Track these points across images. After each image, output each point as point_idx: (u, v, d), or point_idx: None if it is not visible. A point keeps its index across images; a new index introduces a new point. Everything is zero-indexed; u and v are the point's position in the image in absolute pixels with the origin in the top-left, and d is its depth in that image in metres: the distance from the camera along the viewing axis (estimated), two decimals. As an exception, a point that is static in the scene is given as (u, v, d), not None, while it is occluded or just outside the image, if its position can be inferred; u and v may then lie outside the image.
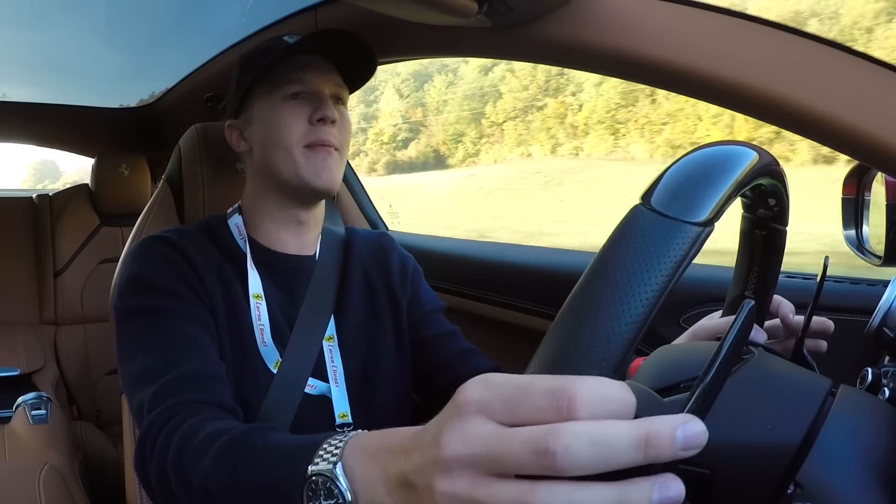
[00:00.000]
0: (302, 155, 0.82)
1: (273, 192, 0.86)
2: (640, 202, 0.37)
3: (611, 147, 16.46)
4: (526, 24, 0.74)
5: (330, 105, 0.83)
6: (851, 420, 0.43)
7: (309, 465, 0.44)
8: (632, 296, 0.33)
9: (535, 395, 0.30)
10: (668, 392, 0.43)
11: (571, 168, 16.50)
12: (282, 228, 0.88)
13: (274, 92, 0.83)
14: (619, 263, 0.34)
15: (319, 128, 0.82)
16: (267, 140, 0.83)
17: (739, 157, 0.41)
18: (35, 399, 1.51)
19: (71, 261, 2.11)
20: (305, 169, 0.82)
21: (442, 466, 0.31)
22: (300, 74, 0.83)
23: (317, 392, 0.82)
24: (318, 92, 0.84)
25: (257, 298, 0.82)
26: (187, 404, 0.66)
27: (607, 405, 0.29)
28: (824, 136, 0.59)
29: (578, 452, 0.27)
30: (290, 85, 0.83)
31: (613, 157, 16.19)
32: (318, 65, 0.85)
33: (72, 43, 1.94)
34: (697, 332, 0.72)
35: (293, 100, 0.83)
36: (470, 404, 0.31)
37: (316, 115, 0.82)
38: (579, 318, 0.33)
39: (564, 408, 0.29)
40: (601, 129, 16.64)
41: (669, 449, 0.28)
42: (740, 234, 0.61)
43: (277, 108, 0.82)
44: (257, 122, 0.85)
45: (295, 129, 0.82)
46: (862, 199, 0.77)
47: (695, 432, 0.28)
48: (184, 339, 0.73)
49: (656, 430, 0.28)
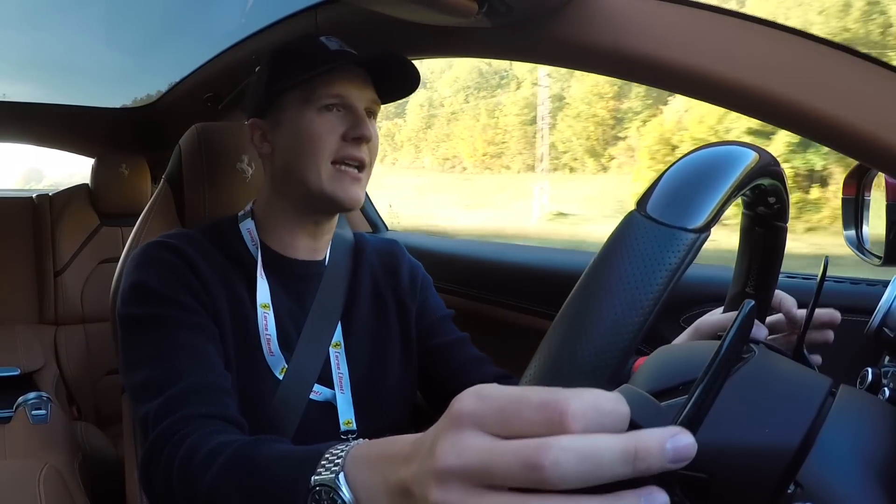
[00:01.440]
0: (330, 170, 0.80)
1: (294, 200, 0.84)
2: (636, 209, 0.36)
3: (413, 158, 24.70)
4: (526, 24, 0.74)
5: (367, 123, 0.80)
6: (851, 420, 0.43)
7: (312, 475, 0.44)
8: (626, 305, 0.32)
9: (527, 409, 0.30)
10: (667, 395, 0.43)
11: (385, 173, 22.47)
12: (297, 235, 0.86)
13: (309, 100, 0.80)
14: (614, 272, 0.33)
15: (352, 145, 0.80)
16: (296, 149, 0.81)
17: (736, 159, 0.40)
18: (35, 399, 1.51)
19: (71, 261, 2.10)
20: (331, 185, 0.80)
21: (437, 477, 0.31)
22: (339, 87, 0.80)
23: (321, 398, 0.82)
24: (355, 107, 0.81)
25: (265, 308, 0.81)
26: (192, 418, 0.66)
27: (600, 417, 0.29)
28: (824, 136, 0.59)
29: (567, 467, 0.28)
30: (328, 97, 0.80)
31: (413, 166, 24.19)
32: (356, 77, 0.82)
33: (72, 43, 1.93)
34: (699, 329, 0.72)
35: (327, 111, 0.80)
36: (464, 416, 0.31)
37: (352, 133, 0.80)
38: (573, 327, 0.33)
39: (556, 421, 0.29)
40: (409, 145, 25.00)
41: (658, 462, 0.28)
42: (740, 230, 0.61)
43: (312, 119, 0.80)
44: (287, 128, 0.82)
45: (328, 143, 0.79)
46: (862, 199, 0.77)
47: (684, 445, 0.28)
48: (187, 350, 0.72)
49: (645, 444, 0.28)
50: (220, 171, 0.99)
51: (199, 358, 0.72)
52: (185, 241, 0.81)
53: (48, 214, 2.12)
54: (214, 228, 0.87)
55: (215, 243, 0.83)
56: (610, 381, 0.32)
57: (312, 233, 0.87)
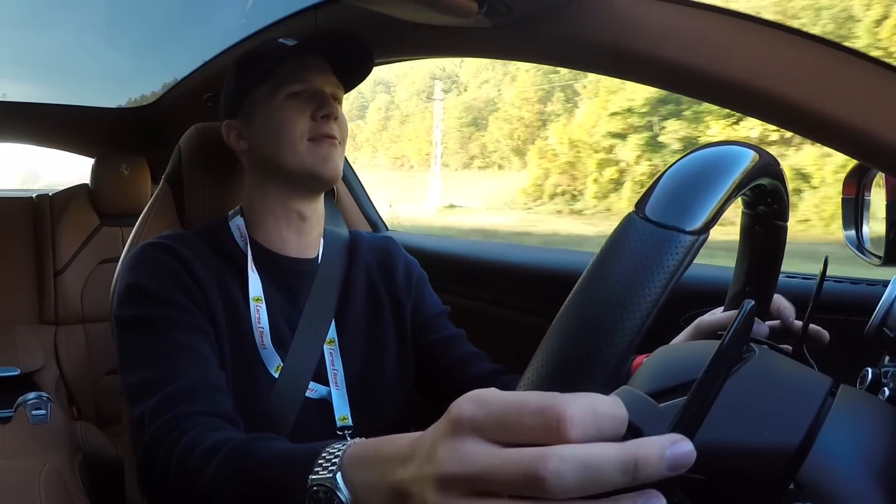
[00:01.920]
0: (306, 147, 0.84)
1: (275, 187, 0.87)
2: (635, 210, 0.36)
3: (371, 157, 26.65)
4: (526, 24, 0.74)
5: (332, 102, 0.86)
6: (851, 420, 0.43)
7: (310, 474, 0.44)
8: (624, 308, 0.32)
9: (526, 415, 0.30)
10: (667, 395, 0.43)
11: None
12: (283, 226, 0.88)
13: (276, 91, 0.85)
14: (611, 275, 0.33)
15: (323, 123, 0.84)
16: (271, 136, 0.85)
17: (736, 159, 0.40)
18: (35, 399, 1.51)
19: (71, 261, 2.10)
20: (310, 159, 0.84)
21: (437, 482, 0.32)
22: (302, 74, 0.85)
23: (317, 396, 0.82)
24: (319, 91, 0.86)
25: (257, 301, 0.82)
26: (188, 416, 0.66)
27: (598, 422, 0.29)
28: (824, 136, 0.59)
29: (567, 477, 0.28)
30: (293, 84, 0.85)
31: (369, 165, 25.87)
32: (318, 65, 0.88)
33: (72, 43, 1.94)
34: (699, 328, 0.72)
35: (294, 99, 0.85)
36: (464, 422, 0.31)
37: (319, 112, 0.84)
38: (570, 330, 0.33)
39: (555, 428, 0.29)
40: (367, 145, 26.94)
41: (658, 470, 0.28)
42: (741, 230, 0.61)
43: (280, 107, 0.85)
44: (259, 121, 0.86)
45: (299, 124, 0.84)
46: (862, 199, 0.77)
47: (683, 453, 0.28)
48: (183, 350, 0.73)
49: (644, 453, 0.28)
50: (220, 171, 0.99)
51: (194, 357, 0.73)
52: (180, 241, 0.82)
53: (48, 214, 2.12)
54: (207, 228, 0.88)
55: (208, 243, 0.85)
56: (608, 384, 0.31)
57: (298, 227, 0.89)
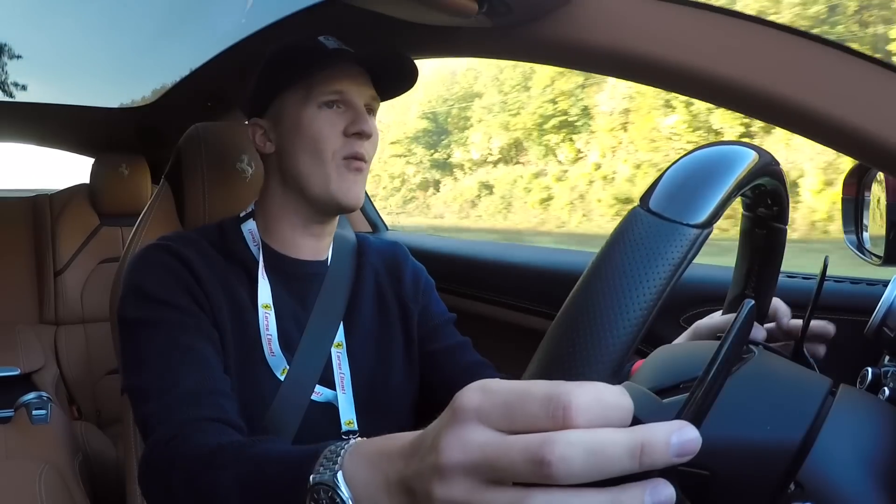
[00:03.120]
0: (335, 170, 0.80)
1: (297, 201, 0.84)
2: (639, 204, 0.36)
3: None
4: (526, 24, 0.74)
5: (367, 119, 0.81)
6: (851, 420, 0.43)
7: (311, 474, 0.44)
8: (629, 299, 0.32)
9: (531, 403, 0.30)
10: (668, 393, 0.43)
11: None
12: (300, 234, 0.86)
13: (309, 97, 0.80)
14: (617, 266, 0.33)
15: (354, 141, 0.80)
16: (299, 147, 0.81)
17: (739, 157, 0.40)
18: (35, 399, 1.51)
19: (71, 261, 2.10)
20: (336, 185, 0.80)
21: (440, 473, 0.31)
22: (339, 84, 0.80)
23: (323, 399, 0.82)
24: (355, 103, 0.81)
25: (266, 308, 0.81)
26: (190, 422, 0.65)
27: (604, 411, 0.29)
28: (824, 136, 0.59)
29: (574, 462, 0.28)
30: (328, 93, 0.80)
31: None
32: (356, 74, 0.82)
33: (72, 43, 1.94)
34: (697, 331, 0.72)
35: (328, 108, 0.80)
36: (468, 411, 0.31)
37: (352, 129, 0.80)
38: (576, 321, 0.33)
39: (560, 416, 0.29)
40: None
41: (664, 456, 0.28)
42: (740, 232, 0.61)
43: (312, 116, 0.80)
44: (289, 126, 0.82)
45: (331, 140, 0.80)
46: (862, 199, 0.77)
47: (689, 439, 0.28)
48: (186, 353, 0.72)
49: (650, 438, 0.28)
50: (220, 171, 0.99)
51: (197, 361, 0.72)
52: (184, 242, 0.81)
53: (48, 214, 2.12)
54: (216, 230, 0.87)
55: (215, 244, 0.83)
56: (613, 375, 0.32)
57: (316, 233, 0.87)
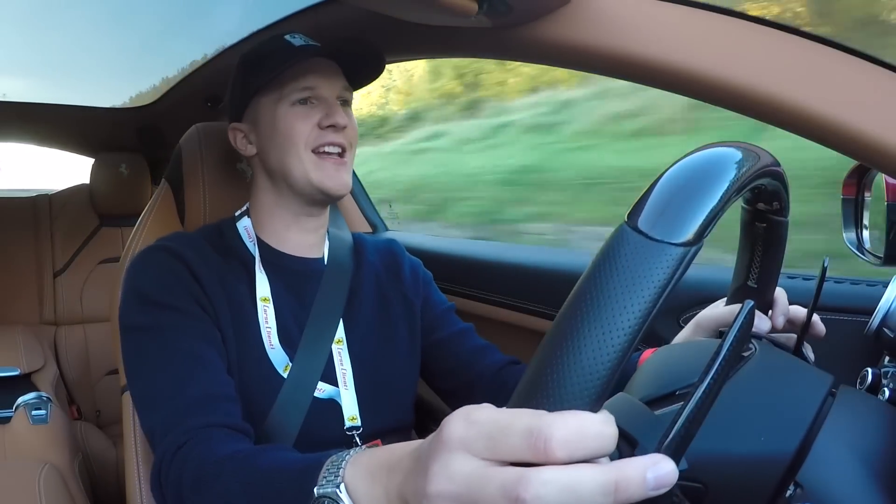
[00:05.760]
0: (312, 162, 0.82)
1: (284, 195, 0.86)
2: (626, 221, 0.35)
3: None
4: (526, 24, 0.74)
5: (339, 111, 0.83)
6: (851, 420, 0.43)
7: (315, 486, 0.45)
8: (613, 324, 0.32)
9: (513, 435, 0.30)
10: (664, 401, 0.43)
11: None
12: (291, 228, 0.88)
13: (282, 97, 0.83)
14: (602, 289, 0.33)
15: (329, 132, 0.82)
16: (276, 145, 0.83)
17: (730, 162, 0.38)
18: (35, 399, 1.51)
19: (71, 261, 2.10)
20: (316, 175, 0.82)
21: (428, 499, 0.32)
22: (308, 80, 0.82)
23: (325, 395, 0.82)
24: (326, 97, 0.84)
25: (265, 301, 0.82)
26: (197, 429, 0.66)
27: (585, 442, 0.29)
28: (825, 137, 0.59)
29: (548, 500, 0.28)
30: (299, 91, 0.82)
31: None
32: (324, 68, 0.84)
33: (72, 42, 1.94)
34: (700, 324, 0.72)
35: (301, 105, 0.83)
36: (454, 441, 0.32)
37: (325, 122, 0.82)
38: (560, 347, 0.32)
39: (542, 448, 0.29)
40: None
41: (640, 491, 0.28)
42: (741, 224, 0.60)
43: (286, 113, 0.82)
44: (265, 127, 0.84)
45: (303, 133, 0.82)
46: (862, 199, 0.77)
47: (664, 473, 0.29)
48: (190, 358, 0.72)
49: (626, 476, 0.28)
50: (220, 171, 0.99)
51: (201, 365, 0.72)
52: (182, 242, 0.82)
53: (48, 215, 2.12)
54: (213, 230, 0.88)
55: (214, 244, 0.84)
56: (599, 399, 0.31)
57: (307, 227, 0.88)
